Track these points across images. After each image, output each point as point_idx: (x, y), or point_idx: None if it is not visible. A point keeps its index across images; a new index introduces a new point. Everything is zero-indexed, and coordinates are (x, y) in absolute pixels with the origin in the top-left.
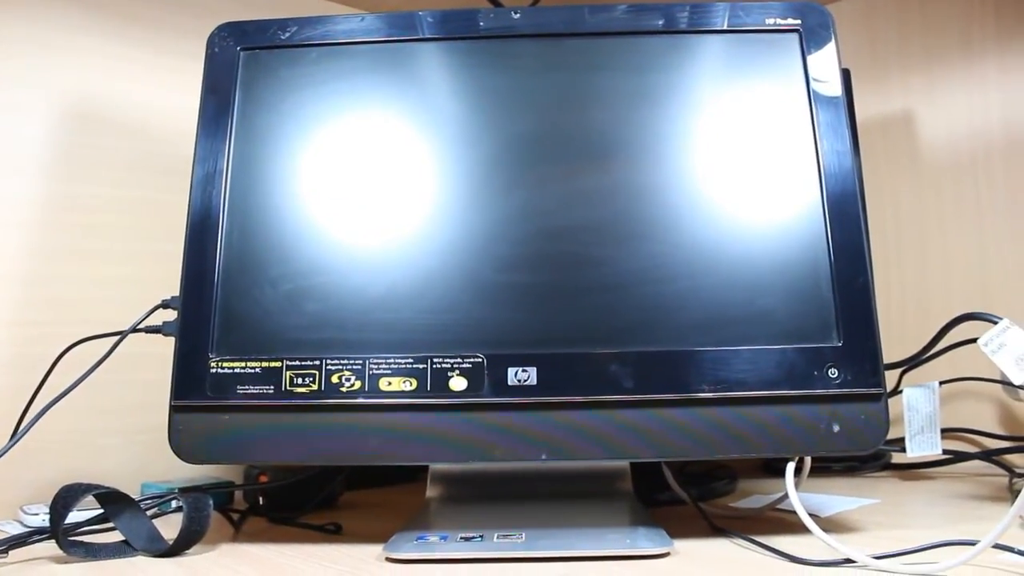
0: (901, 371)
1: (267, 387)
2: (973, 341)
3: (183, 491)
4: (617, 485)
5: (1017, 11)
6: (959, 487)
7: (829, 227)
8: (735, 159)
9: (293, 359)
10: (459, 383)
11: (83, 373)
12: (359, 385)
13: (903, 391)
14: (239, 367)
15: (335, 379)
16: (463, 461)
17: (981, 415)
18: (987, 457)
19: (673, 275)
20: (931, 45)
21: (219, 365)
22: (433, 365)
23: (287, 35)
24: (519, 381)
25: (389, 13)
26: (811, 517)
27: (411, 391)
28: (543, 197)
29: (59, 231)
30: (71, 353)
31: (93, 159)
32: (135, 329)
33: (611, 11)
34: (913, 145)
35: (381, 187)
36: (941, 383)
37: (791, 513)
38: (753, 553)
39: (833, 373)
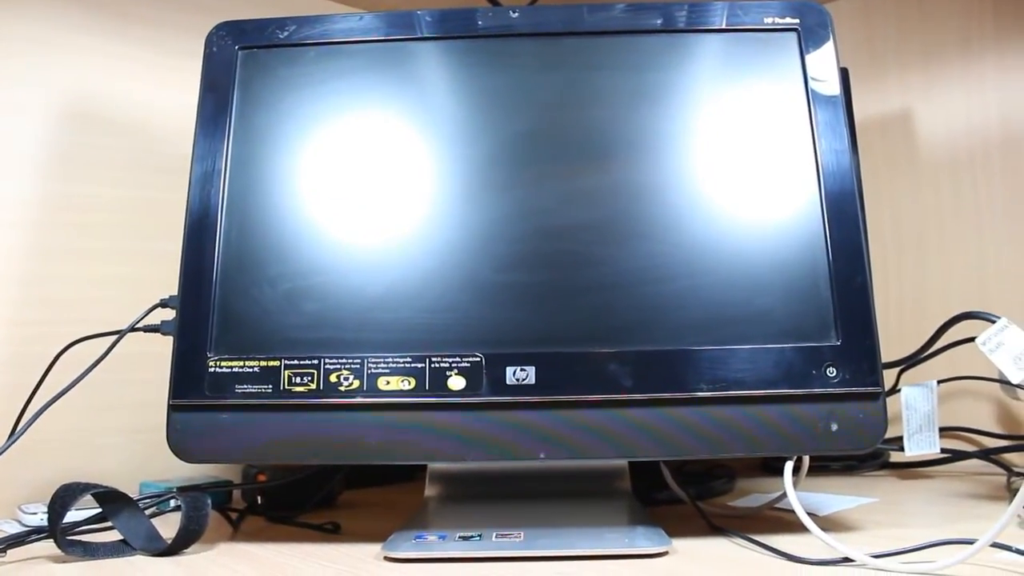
0: (899, 370)
1: (265, 386)
2: (971, 340)
3: (181, 490)
4: (616, 484)
5: (1015, 10)
6: (957, 486)
7: (827, 226)
8: (733, 158)
9: (292, 358)
10: (457, 382)
11: (81, 372)
12: (357, 384)
13: (901, 390)
14: (237, 366)
15: (333, 378)
16: (461, 460)
17: (979, 414)
18: (985, 456)
19: (672, 274)
20: (929, 44)
21: (217, 364)
22: (431, 364)
23: (285, 34)
24: (517, 380)
25: (387, 12)
26: (809, 516)
27: (409, 390)
28: (541, 196)
29: (57, 230)
30: (69, 352)
31: (92, 158)
32: (133, 328)
33: (609, 10)
34: (911, 144)
35: (380, 186)
36: (939, 382)
37: (789, 512)
38: (751, 552)
39: (831, 372)
